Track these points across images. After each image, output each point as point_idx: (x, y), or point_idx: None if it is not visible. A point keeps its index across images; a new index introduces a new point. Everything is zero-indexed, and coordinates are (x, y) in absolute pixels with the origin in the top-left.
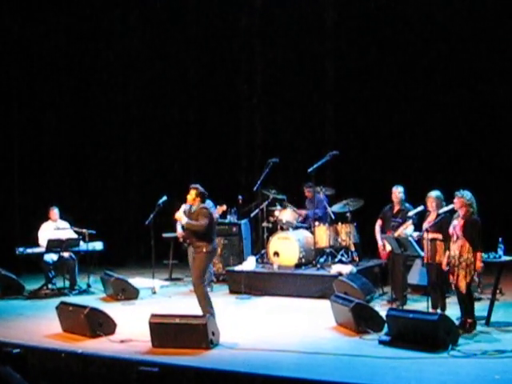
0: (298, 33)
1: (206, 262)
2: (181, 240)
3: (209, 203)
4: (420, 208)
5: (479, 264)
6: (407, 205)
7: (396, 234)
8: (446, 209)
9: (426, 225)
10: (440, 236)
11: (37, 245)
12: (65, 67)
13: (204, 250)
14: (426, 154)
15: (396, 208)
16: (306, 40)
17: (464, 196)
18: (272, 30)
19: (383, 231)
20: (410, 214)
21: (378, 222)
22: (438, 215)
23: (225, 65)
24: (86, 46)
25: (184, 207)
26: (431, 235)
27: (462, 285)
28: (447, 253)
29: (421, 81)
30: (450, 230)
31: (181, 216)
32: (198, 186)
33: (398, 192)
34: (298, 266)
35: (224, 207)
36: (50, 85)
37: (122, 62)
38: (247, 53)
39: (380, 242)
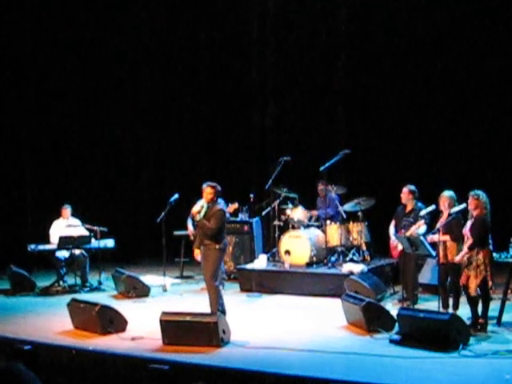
0: (309, 31)
1: (218, 260)
2: (192, 238)
3: (220, 201)
4: (431, 207)
5: (485, 263)
6: (420, 204)
7: (408, 234)
8: (457, 208)
9: (438, 225)
10: (448, 238)
11: (48, 242)
12: (77, 64)
13: (215, 247)
14: (438, 154)
15: (408, 208)
16: (317, 38)
17: (480, 197)
18: (284, 27)
19: (396, 231)
20: (422, 213)
21: (392, 222)
22: (450, 215)
23: (236, 62)
24: (97, 48)
25: (201, 203)
26: (441, 238)
27: (473, 285)
28: (464, 251)
29: (433, 79)
30: (464, 230)
31: (197, 211)
32: (215, 184)
33: (403, 192)
34: (310, 264)
35: (236, 205)
36: (62, 82)
37: (132, 60)
38: (259, 49)
39: (393, 241)
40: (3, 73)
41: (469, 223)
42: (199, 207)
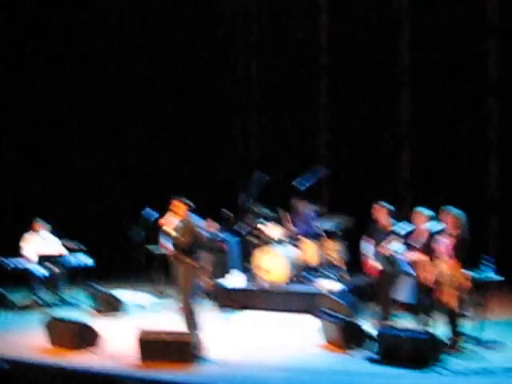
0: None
1: (193, 277)
2: (170, 254)
3: (196, 218)
4: (410, 227)
5: (468, 284)
6: (393, 221)
7: (384, 251)
8: (434, 227)
9: (413, 241)
10: (427, 257)
11: (19, 255)
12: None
13: (189, 264)
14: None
15: (384, 225)
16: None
17: (452, 212)
18: (268, 38)
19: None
20: (396, 230)
21: (365, 239)
22: (429, 235)
23: (222, 77)
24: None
25: (174, 220)
26: (418, 256)
27: (453, 302)
28: (435, 271)
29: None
30: (439, 247)
31: (170, 231)
32: (183, 199)
33: (376, 209)
34: (287, 282)
35: (214, 224)
36: (41, 97)
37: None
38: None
39: (369, 258)
40: None
41: (445, 240)
42: (170, 221)
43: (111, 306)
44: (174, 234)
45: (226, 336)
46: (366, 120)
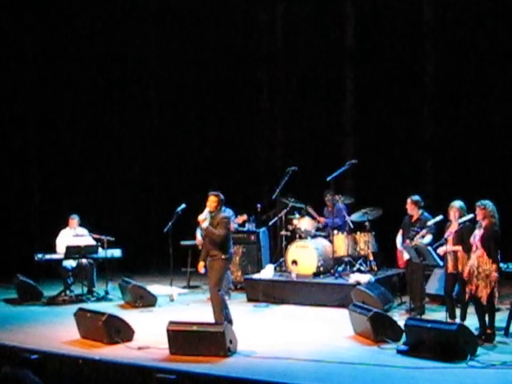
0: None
1: (223, 269)
2: (200, 247)
3: (229, 212)
4: (439, 217)
5: (495, 275)
6: (426, 214)
7: (413, 243)
8: (465, 218)
9: (446, 234)
10: (460, 248)
11: (55, 251)
12: (84, 73)
13: (221, 257)
14: (446, 163)
15: (414, 217)
16: (326, 49)
17: (486, 207)
18: (293, 39)
19: (402, 240)
20: (429, 223)
21: (400, 232)
22: (459, 225)
23: (246, 72)
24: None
25: (206, 212)
26: (452, 248)
27: (483, 295)
28: (469, 262)
29: (440, 91)
30: (471, 239)
31: (203, 219)
32: (218, 193)
33: (407, 202)
34: (317, 274)
35: (245, 217)
36: (71, 93)
37: (140, 69)
38: (269, 61)
39: (399, 249)
40: (8, 81)
41: (477, 232)
42: (205, 215)
43: (141, 299)
44: (207, 227)
45: (256, 328)
46: (391, 115)
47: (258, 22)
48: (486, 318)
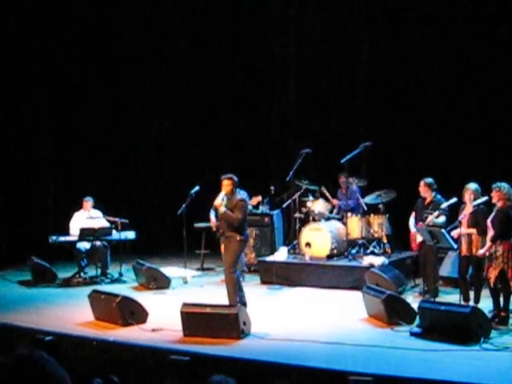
0: (330, 23)
1: (238, 252)
2: (214, 229)
3: (243, 193)
4: (453, 200)
5: (482, 252)
6: (439, 196)
7: (426, 223)
8: (479, 201)
9: (460, 217)
10: (474, 231)
11: (69, 234)
12: (100, 54)
13: (236, 239)
14: (460, 145)
15: (428, 200)
16: (339, 30)
17: (501, 189)
18: (307, 17)
19: (415, 223)
20: (443, 206)
21: (412, 215)
22: (473, 207)
23: (258, 50)
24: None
25: (222, 196)
26: (466, 231)
27: (491, 276)
28: (487, 244)
29: (454, 70)
30: (482, 219)
31: (220, 203)
32: (232, 176)
33: (421, 185)
34: (330, 257)
35: (259, 198)
36: (85, 76)
37: (156, 50)
38: (281, 41)
39: (412, 232)
40: (23, 61)
41: (493, 215)
42: (221, 200)
43: (155, 281)
44: (224, 211)
45: (269, 310)
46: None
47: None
48: (501, 301)
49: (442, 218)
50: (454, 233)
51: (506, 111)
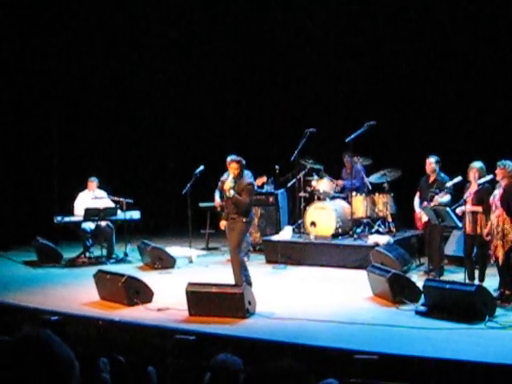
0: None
1: (244, 232)
2: (218, 209)
3: (248, 174)
4: (458, 179)
5: (486, 230)
6: (443, 175)
7: (432, 204)
8: (484, 179)
9: (466, 195)
10: (480, 209)
11: (73, 214)
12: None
13: (242, 220)
14: (465, 124)
15: (431, 178)
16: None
17: (506, 166)
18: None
19: (420, 202)
20: (448, 184)
21: (417, 194)
22: (478, 186)
23: (262, 29)
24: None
25: (230, 179)
26: (471, 208)
27: (500, 255)
28: (489, 223)
29: (458, 49)
30: (491, 199)
31: (230, 187)
32: (240, 158)
33: (429, 162)
34: (335, 236)
35: (264, 179)
36: (87, 54)
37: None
38: (284, 23)
39: (418, 213)
40: (28, 41)
41: (496, 192)
42: (230, 182)
43: (160, 261)
44: (233, 195)
45: (274, 290)
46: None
47: None
48: (505, 279)
49: (447, 197)
50: (458, 210)
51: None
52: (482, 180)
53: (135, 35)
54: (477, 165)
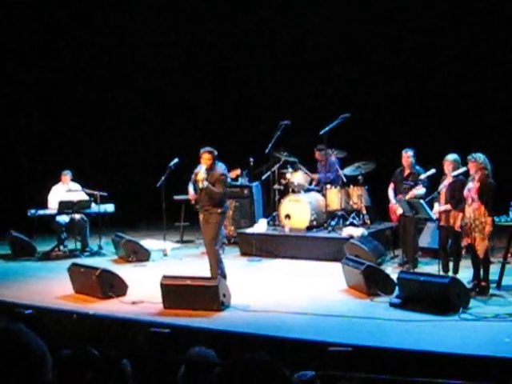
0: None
1: (219, 224)
2: (192, 202)
3: (221, 166)
4: (432, 171)
5: (488, 228)
6: (418, 167)
7: (407, 197)
8: (458, 171)
9: (440, 187)
10: (449, 206)
11: (47, 207)
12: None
13: (217, 211)
14: (440, 116)
15: (407, 171)
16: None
17: (477, 159)
18: None
19: (395, 194)
20: (422, 177)
21: (391, 186)
22: (453, 178)
23: (235, 26)
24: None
25: (203, 170)
26: (442, 207)
27: (480, 248)
28: (460, 215)
29: (434, 41)
30: (465, 192)
31: (203, 178)
32: (212, 149)
33: (407, 156)
34: (310, 228)
35: (238, 171)
36: (62, 45)
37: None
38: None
39: (393, 205)
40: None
41: (471, 185)
42: (202, 174)
43: (134, 254)
44: (207, 186)
45: (249, 282)
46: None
47: None
48: (481, 271)
49: (422, 190)
50: (435, 210)
51: (483, 82)
52: (457, 172)
53: (113, 29)
54: (450, 157)
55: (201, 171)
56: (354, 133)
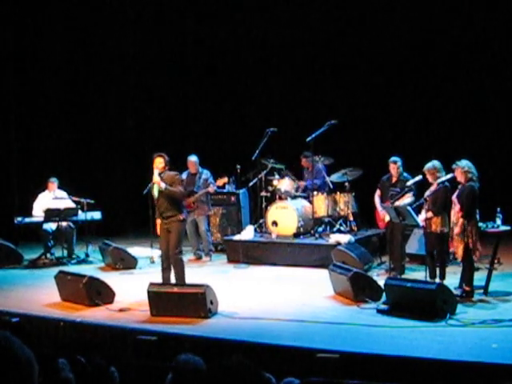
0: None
1: (182, 231)
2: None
3: (206, 173)
4: (418, 177)
5: (458, 230)
6: (405, 174)
7: (395, 205)
8: (444, 178)
9: (427, 194)
10: (431, 214)
11: (32, 215)
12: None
13: (179, 218)
14: (425, 123)
15: (394, 178)
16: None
17: (460, 166)
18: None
19: (382, 201)
20: (409, 183)
21: (377, 192)
22: (437, 185)
23: (223, 31)
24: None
25: (155, 173)
26: (425, 216)
27: (458, 251)
28: (447, 221)
29: (420, 52)
30: (453, 197)
31: (159, 180)
32: (163, 153)
33: (396, 166)
34: (297, 235)
35: (225, 179)
36: (51, 52)
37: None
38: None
39: (380, 211)
40: None
41: (459, 191)
42: (156, 178)
43: (121, 261)
44: (166, 187)
45: (236, 289)
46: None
47: None
48: (465, 276)
49: (411, 198)
50: (421, 219)
51: (465, 88)
52: (442, 179)
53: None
54: (428, 165)
55: (154, 175)
56: (340, 139)
